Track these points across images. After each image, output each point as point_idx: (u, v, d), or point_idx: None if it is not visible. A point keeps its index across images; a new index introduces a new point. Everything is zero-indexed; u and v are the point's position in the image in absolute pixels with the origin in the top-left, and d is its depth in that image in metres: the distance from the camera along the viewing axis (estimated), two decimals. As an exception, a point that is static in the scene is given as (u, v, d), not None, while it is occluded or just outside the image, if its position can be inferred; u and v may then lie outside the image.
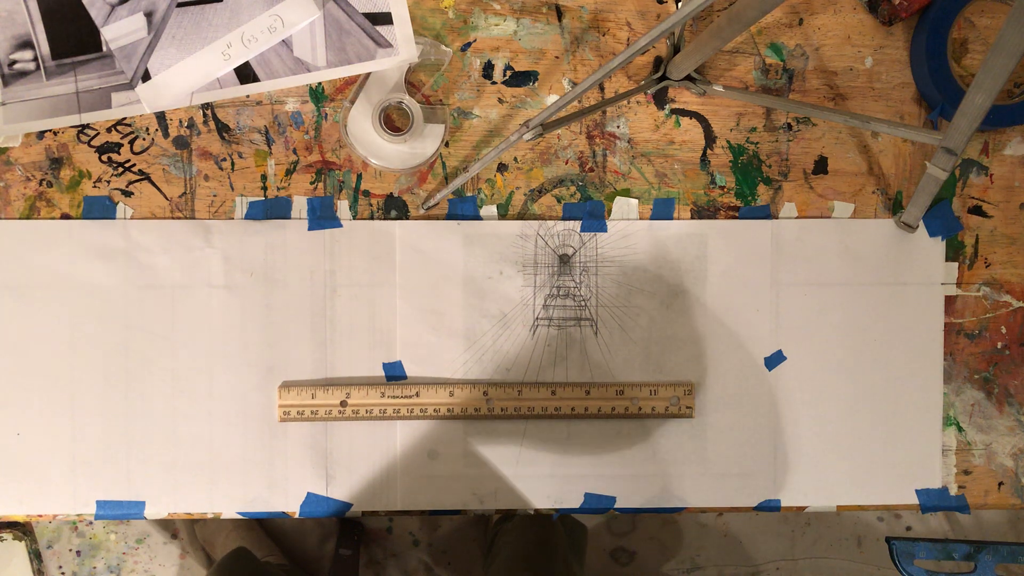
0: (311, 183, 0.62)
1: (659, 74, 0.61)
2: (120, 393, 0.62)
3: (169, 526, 1.34)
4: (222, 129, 0.62)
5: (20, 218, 0.61)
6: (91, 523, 1.34)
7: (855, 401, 0.64)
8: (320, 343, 0.62)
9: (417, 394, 0.62)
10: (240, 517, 0.63)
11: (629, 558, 1.40)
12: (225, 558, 1.00)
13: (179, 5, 0.60)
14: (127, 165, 0.62)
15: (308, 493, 0.62)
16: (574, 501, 0.64)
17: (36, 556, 1.30)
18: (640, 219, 0.63)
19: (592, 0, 0.62)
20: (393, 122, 0.62)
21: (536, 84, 0.63)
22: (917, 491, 0.64)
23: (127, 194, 0.62)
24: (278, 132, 0.62)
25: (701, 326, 0.63)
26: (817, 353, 0.64)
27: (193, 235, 0.62)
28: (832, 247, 0.64)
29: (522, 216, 0.63)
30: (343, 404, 0.62)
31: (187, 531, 1.32)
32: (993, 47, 0.44)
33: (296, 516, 0.62)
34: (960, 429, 0.65)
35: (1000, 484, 0.65)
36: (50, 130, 0.61)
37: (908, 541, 0.63)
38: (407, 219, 0.62)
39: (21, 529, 1.29)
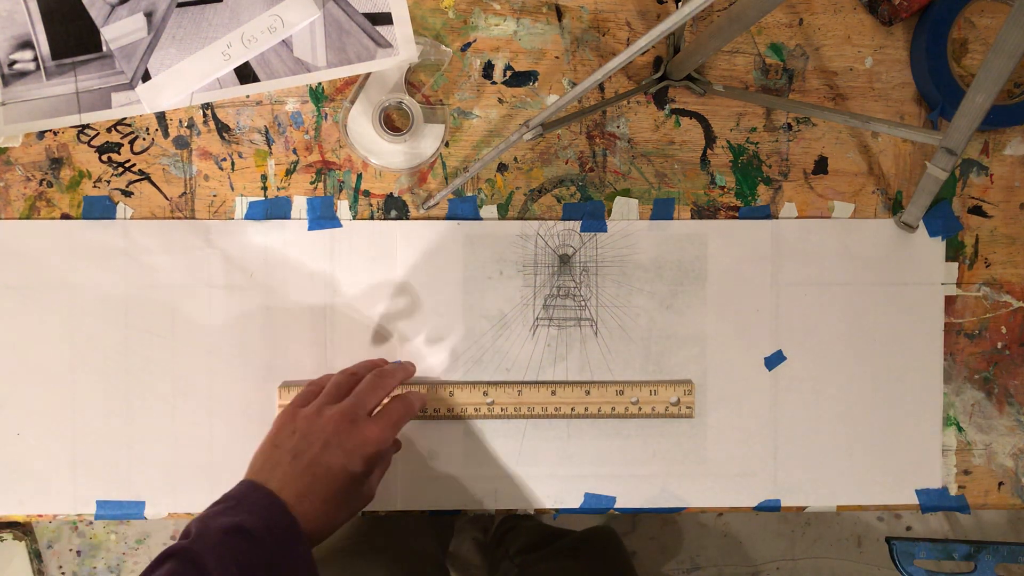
0: (311, 183, 0.62)
1: (659, 74, 0.61)
2: (120, 393, 0.62)
3: (169, 526, 1.34)
4: (222, 129, 0.62)
5: (20, 218, 0.61)
6: (91, 523, 1.34)
7: (855, 401, 0.64)
8: (320, 343, 0.62)
9: (417, 394, 0.62)
10: (240, 517, 0.63)
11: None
12: None
13: (179, 5, 0.60)
14: (127, 165, 0.61)
15: (308, 493, 0.62)
16: (574, 501, 0.64)
17: (36, 556, 1.30)
18: (640, 219, 0.63)
19: (592, 0, 0.62)
20: (393, 122, 0.62)
21: (536, 84, 0.63)
22: (917, 491, 0.64)
23: (127, 194, 0.62)
24: (278, 132, 0.62)
25: (701, 326, 0.63)
26: (817, 353, 0.64)
27: (193, 235, 0.62)
28: (832, 247, 0.64)
29: (522, 216, 0.63)
30: (343, 404, 0.62)
31: None
32: (993, 47, 0.44)
33: (296, 516, 0.62)
34: (960, 429, 0.65)
35: (1000, 484, 0.65)
36: (50, 130, 0.61)
37: (908, 541, 0.63)
38: (407, 219, 0.62)
39: (21, 529, 1.29)
